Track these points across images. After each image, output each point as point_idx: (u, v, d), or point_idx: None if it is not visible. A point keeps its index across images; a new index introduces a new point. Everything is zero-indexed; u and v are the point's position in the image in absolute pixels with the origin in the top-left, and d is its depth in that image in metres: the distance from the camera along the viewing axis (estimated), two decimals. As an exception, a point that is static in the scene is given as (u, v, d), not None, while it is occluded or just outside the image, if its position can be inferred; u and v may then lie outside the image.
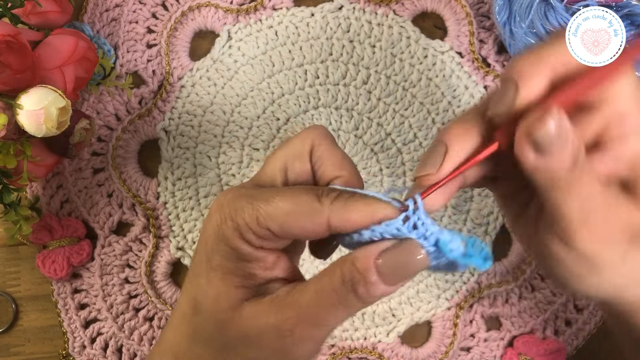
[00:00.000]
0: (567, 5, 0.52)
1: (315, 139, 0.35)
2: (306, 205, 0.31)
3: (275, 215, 0.31)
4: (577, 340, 0.57)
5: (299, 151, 0.35)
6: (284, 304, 0.32)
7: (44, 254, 0.55)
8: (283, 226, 0.32)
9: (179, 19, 0.59)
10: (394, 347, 0.57)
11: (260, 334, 0.33)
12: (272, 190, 0.33)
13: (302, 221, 0.31)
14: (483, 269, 0.33)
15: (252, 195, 0.33)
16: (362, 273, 0.31)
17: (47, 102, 0.45)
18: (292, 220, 0.31)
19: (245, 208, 0.32)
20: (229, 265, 0.33)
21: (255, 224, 0.32)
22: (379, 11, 0.59)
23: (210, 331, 0.34)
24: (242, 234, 0.32)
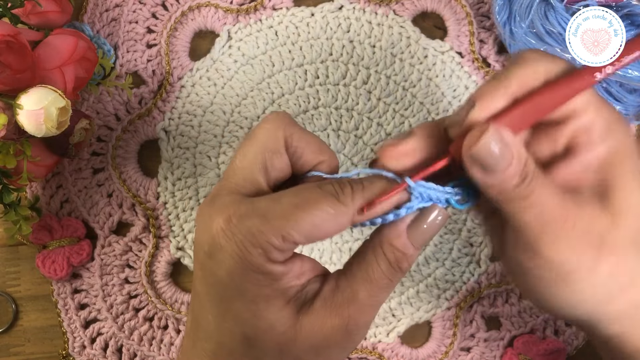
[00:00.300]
0: (567, 5, 0.52)
1: (286, 129, 0.34)
2: (329, 209, 0.31)
3: (301, 229, 0.31)
4: (577, 340, 0.57)
5: (275, 146, 0.34)
6: (340, 304, 0.33)
7: (44, 254, 0.55)
8: (309, 236, 0.31)
9: (179, 19, 0.59)
10: (394, 347, 0.57)
11: (328, 338, 0.33)
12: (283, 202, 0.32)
13: (328, 226, 0.32)
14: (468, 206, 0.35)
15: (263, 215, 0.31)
16: (402, 251, 0.33)
17: (47, 102, 0.45)
18: (318, 229, 0.31)
19: (264, 229, 0.31)
20: (267, 291, 0.32)
21: (282, 242, 0.31)
22: (379, 11, 0.59)
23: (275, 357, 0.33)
24: (268, 256, 0.31)
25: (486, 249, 0.57)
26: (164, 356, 0.56)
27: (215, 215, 0.32)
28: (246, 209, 0.32)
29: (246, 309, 0.32)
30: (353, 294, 0.33)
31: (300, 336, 0.33)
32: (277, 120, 0.34)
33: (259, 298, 0.32)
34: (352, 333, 0.33)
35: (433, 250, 0.57)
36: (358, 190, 0.32)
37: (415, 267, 0.57)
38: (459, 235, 0.58)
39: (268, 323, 0.32)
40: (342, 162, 0.58)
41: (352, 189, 0.32)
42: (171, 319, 0.57)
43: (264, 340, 0.33)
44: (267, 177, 0.34)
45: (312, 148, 0.35)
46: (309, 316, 0.33)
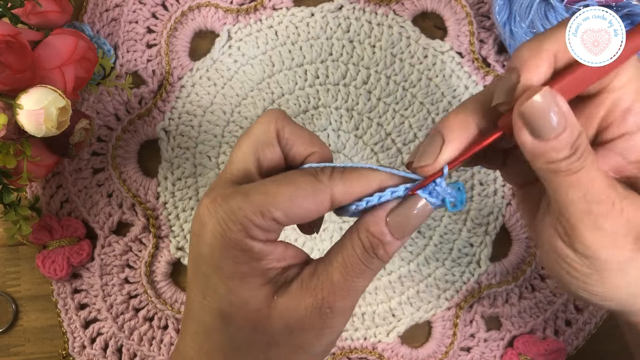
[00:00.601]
0: (567, 5, 0.52)
1: (278, 123, 0.35)
2: (307, 186, 0.32)
3: (279, 204, 0.32)
4: (577, 340, 0.57)
5: (267, 138, 0.35)
6: (315, 285, 0.33)
7: (44, 254, 0.55)
8: (288, 213, 0.32)
9: (179, 19, 0.59)
10: (394, 347, 0.57)
11: (302, 319, 0.33)
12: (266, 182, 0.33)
13: (306, 203, 0.32)
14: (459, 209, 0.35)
15: (245, 192, 0.33)
16: (377, 237, 0.33)
17: (47, 102, 0.45)
18: (296, 204, 0.32)
19: (244, 206, 0.32)
20: (245, 269, 0.33)
21: (260, 218, 0.32)
22: (379, 11, 0.59)
23: (249, 335, 0.34)
24: (248, 233, 0.32)
25: (486, 249, 0.57)
26: (164, 356, 0.56)
27: (204, 198, 0.34)
28: (231, 191, 0.33)
29: (223, 284, 0.33)
30: (328, 276, 0.33)
31: (274, 315, 0.33)
32: (270, 114, 0.35)
33: (235, 275, 0.33)
34: (326, 316, 0.33)
35: (433, 250, 0.57)
36: (338, 172, 0.33)
37: (415, 267, 0.57)
38: (459, 235, 0.58)
39: (242, 299, 0.33)
40: (342, 162, 0.58)
41: (332, 170, 0.33)
42: (171, 319, 0.57)
43: (238, 316, 0.33)
44: (260, 168, 0.35)
45: (303, 140, 0.35)
46: (284, 296, 0.33)
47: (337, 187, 0.32)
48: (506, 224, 0.58)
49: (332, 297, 0.33)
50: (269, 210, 0.32)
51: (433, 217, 0.58)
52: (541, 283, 0.57)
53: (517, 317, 0.57)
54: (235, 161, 0.35)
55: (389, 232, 0.33)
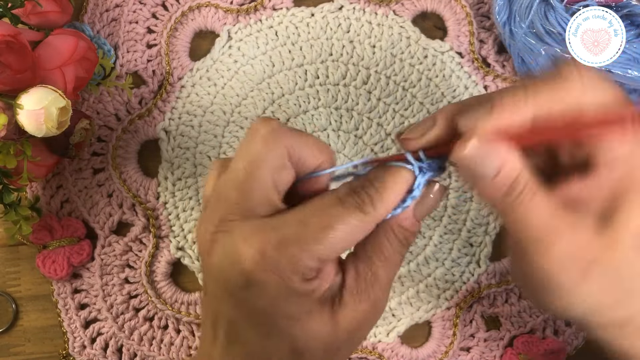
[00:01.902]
0: (567, 5, 0.52)
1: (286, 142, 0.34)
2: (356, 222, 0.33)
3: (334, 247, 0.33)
4: (577, 340, 0.57)
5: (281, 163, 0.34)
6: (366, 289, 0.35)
7: (44, 254, 0.55)
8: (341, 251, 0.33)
9: (179, 19, 0.59)
10: (394, 347, 0.57)
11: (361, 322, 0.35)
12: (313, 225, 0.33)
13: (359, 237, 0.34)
14: None
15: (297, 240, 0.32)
16: (410, 230, 0.35)
17: (47, 102, 0.45)
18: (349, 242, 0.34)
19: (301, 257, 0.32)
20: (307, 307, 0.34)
21: (317, 262, 0.33)
22: (379, 11, 0.59)
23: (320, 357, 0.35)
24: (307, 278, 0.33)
25: (486, 249, 0.57)
26: (164, 356, 0.56)
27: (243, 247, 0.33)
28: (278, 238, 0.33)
29: (293, 326, 0.34)
30: (374, 276, 0.35)
31: (339, 330, 0.35)
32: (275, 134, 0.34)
33: (302, 315, 0.34)
34: (378, 310, 0.36)
35: (433, 250, 0.58)
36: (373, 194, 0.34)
37: (415, 267, 0.57)
38: (459, 235, 0.58)
39: (315, 332, 0.34)
40: (342, 162, 0.58)
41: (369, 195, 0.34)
42: (171, 319, 0.57)
43: (313, 347, 0.35)
44: (279, 194, 0.35)
45: (312, 152, 0.35)
46: (343, 310, 0.35)
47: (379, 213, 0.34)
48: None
49: (382, 293, 0.36)
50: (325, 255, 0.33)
51: (433, 217, 0.58)
52: (541, 283, 0.58)
53: (517, 317, 0.57)
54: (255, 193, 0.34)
55: (418, 222, 0.36)
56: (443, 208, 0.58)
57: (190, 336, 0.56)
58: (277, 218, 0.34)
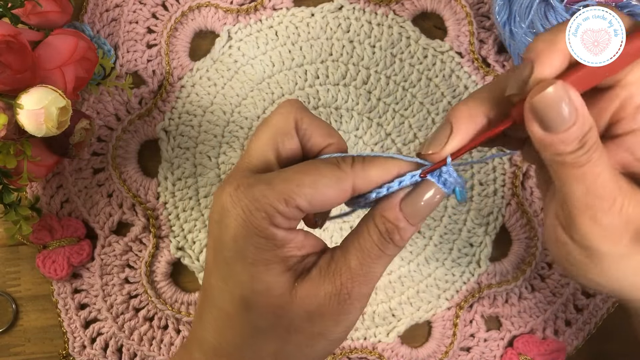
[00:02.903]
0: (567, 5, 0.52)
1: (297, 113, 0.36)
2: (330, 174, 0.33)
3: (302, 192, 0.32)
4: (577, 340, 0.57)
5: (286, 129, 0.35)
6: (334, 272, 0.34)
7: (44, 254, 0.55)
8: (311, 201, 0.33)
9: (179, 19, 0.59)
10: (394, 347, 0.57)
11: (321, 306, 0.34)
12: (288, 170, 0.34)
13: (329, 191, 0.33)
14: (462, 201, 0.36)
15: (269, 181, 0.33)
16: (392, 222, 0.34)
17: (47, 101, 0.45)
18: (319, 192, 0.33)
19: (268, 194, 0.33)
20: (267, 256, 0.34)
21: (284, 205, 0.32)
22: (379, 11, 0.59)
23: (270, 321, 0.34)
24: (272, 220, 0.33)
25: (486, 249, 0.57)
26: (164, 356, 0.56)
27: (225, 186, 0.34)
28: (254, 179, 0.34)
29: (246, 271, 0.34)
30: (345, 262, 0.34)
31: (295, 301, 0.34)
32: (288, 105, 0.36)
33: (258, 261, 0.33)
34: (344, 302, 0.34)
35: (433, 250, 0.58)
36: (358, 160, 0.34)
37: (415, 267, 0.57)
38: (459, 235, 0.58)
39: (265, 285, 0.34)
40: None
41: (353, 159, 0.34)
42: (171, 318, 0.57)
43: (260, 302, 0.34)
44: (279, 157, 0.36)
45: (321, 131, 0.36)
46: (305, 283, 0.34)
47: (358, 174, 0.33)
48: (506, 224, 0.58)
49: (350, 283, 0.34)
50: (293, 198, 0.32)
51: (433, 217, 0.58)
52: (541, 283, 0.58)
53: (517, 317, 0.57)
54: (254, 151, 0.36)
55: (403, 218, 0.34)
56: (443, 208, 0.58)
57: (190, 336, 0.56)
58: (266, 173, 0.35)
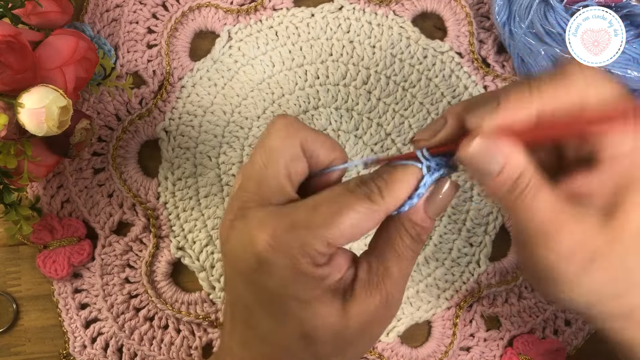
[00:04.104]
0: (567, 5, 0.52)
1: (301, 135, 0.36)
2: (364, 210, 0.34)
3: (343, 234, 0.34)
4: (577, 340, 0.57)
5: (296, 154, 0.36)
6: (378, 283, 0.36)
7: (45, 253, 0.55)
8: (350, 238, 0.34)
9: (179, 19, 0.59)
10: (394, 346, 0.57)
11: (373, 317, 0.36)
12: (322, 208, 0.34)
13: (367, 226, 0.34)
14: None
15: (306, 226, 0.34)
16: (421, 225, 0.36)
17: (48, 100, 0.45)
18: (358, 230, 0.34)
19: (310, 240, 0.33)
20: (318, 292, 0.35)
21: (327, 248, 0.34)
22: (379, 12, 0.59)
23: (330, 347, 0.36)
24: (317, 263, 0.34)
25: (486, 248, 0.57)
26: (164, 356, 0.56)
27: (256, 231, 0.34)
28: (289, 223, 0.34)
29: (302, 309, 0.35)
30: (386, 270, 0.36)
31: (350, 321, 0.35)
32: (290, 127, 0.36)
33: (312, 299, 0.35)
34: (391, 306, 0.37)
35: (433, 250, 0.58)
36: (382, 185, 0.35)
37: (415, 267, 0.57)
38: (458, 235, 0.58)
39: (324, 319, 0.35)
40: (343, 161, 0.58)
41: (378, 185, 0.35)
42: (171, 318, 0.57)
43: (322, 334, 0.35)
44: (292, 184, 0.37)
45: (325, 148, 0.37)
46: (354, 302, 0.36)
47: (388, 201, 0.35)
48: (506, 224, 0.58)
49: (394, 288, 0.36)
50: (334, 240, 0.34)
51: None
52: (541, 283, 0.58)
53: (517, 316, 0.57)
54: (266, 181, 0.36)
55: (428, 217, 0.36)
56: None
57: (191, 336, 0.56)
58: (289, 206, 0.35)
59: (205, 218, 0.57)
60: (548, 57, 0.54)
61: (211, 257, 0.57)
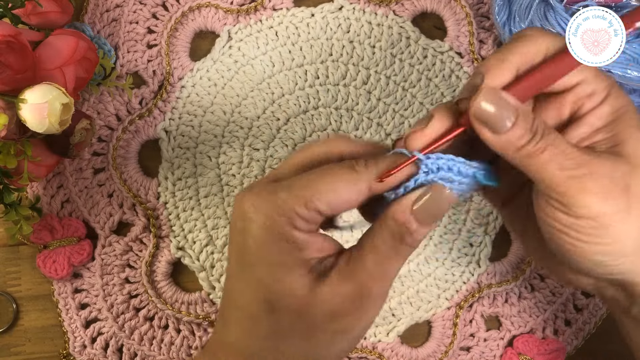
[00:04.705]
0: (567, 5, 0.52)
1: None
2: (346, 177, 0.34)
3: (321, 195, 0.34)
4: (576, 340, 0.57)
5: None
6: (352, 272, 0.35)
7: (45, 253, 0.55)
8: (330, 203, 0.34)
9: (179, 19, 0.59)
10: (394, 346, 0.57)
11: (343, 305, 0.35)
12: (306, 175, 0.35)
13: (347, 193, 0.34)
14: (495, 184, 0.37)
15: (289, 186, 0.35)
16: (404, 224, 0.34)
17: (51, 96, 0.45)
18: (338, 195, 0.34)
19: (289, 199, 0.34)
20: (289, 259, 0.35)
21: (305, 209, 0.34)
22: (378, 11, 0.59)
23: (293, 321, 0.36)
24: (293, 224, 0.34)
25: (486, 248, 0.57)
26: (164, 356, 0.56)
27: (246, 194, 0.36)
28: (274, 186, 0.35)
29: (269, 274, 0.35)
30: (363, 263, 0.35)
31: (317, 301, 0.35)
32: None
33: (281, 265, 0.35)
34: (365, 300, 0.35)
35: (433, 250, 0.58)
36: (371, 162, 0.35)
37: (415, 266, 0.57)
38: (459, 235, 0.58)
39: (288, 287, 0.35)
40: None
41: (366, 161, 0.35)
42: (171, 318, 0.57)
43: (284, 304, 0.35)
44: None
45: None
46: (326, 284, 0.35)
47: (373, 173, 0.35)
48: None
49: (369, 282, 0.35)
50: (313, 202, 0.34)
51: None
52: (541, 283, 0.58)
53: (517, 316, 0.57)
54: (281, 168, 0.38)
55: (414, 220, 0.34)
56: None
57: (191, 336, 0.56)
58: None
59: (205, 218, 0.57)
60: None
61: (211, 257, 0.57)
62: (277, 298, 0.35)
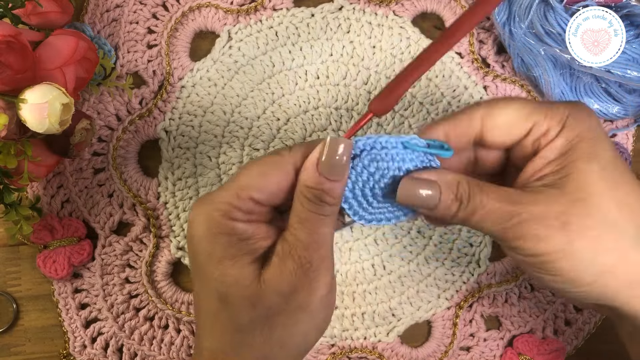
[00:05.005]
0: (567, 5, 0.52)
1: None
2: (270, 162, 0.37)
3: (251, 183, 0.36)
4: (576, 340, 0.57)
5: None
6: (289, 250, 0.37)
7: (45, 253, 0.55)
8: (262, 189, 0.36)
9: (180, 19, 0.59)
10: (394, 346, 0.57)
11: (290, 282, 0.36)
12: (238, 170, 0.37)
13: (275, 176, 0.36)
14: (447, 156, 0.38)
15: (221, 186, 0.37)
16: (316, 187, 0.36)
17: (51, 96, 0.45)
18: (265, 180, 0.36)
19: (221, 194, 0.36)
20: (233, 251, 0.36)
21: (237, 199, 0.36)
22: (379, 12, 0.59)
23: (248, 312, 0.37)
24: (230, 216, 0.36)
25: (486, 248, 0.58)
26: (164, 356, 0.56)
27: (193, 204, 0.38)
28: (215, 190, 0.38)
29: (216, 269, 0.36)
30: (295, 237, 0.37)
31: (265, 287, 0.36)
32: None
33: (225, 257, 0.36)
34: (309, 270, 0.37)
35: (433, 250, 0.58)
36: (295, 146, 0.37)
37: (415, 266, 0.57)
38: (459, 235, 0.58)
39: (234, 278, 0.36)
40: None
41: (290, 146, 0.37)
42: (171, 318, 0.57)
43: (233, 295, 0.36)
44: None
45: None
46: (268, 268, 0.37)
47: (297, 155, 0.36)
48: None
49: (307, 253, 0.36)
50: (245, 190, 0.36)
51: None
52: (541, 283, 0.58)
53: (517, 316, 0.57)
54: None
55: (325, 180, 0.36)
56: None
57: (191, 336, 0.56)
58: None
59: (205, 218, 0.57)
60: (548, 57, 0.54)
61: (211, 257, 0.57)
62: (228, 291, 0.36)
